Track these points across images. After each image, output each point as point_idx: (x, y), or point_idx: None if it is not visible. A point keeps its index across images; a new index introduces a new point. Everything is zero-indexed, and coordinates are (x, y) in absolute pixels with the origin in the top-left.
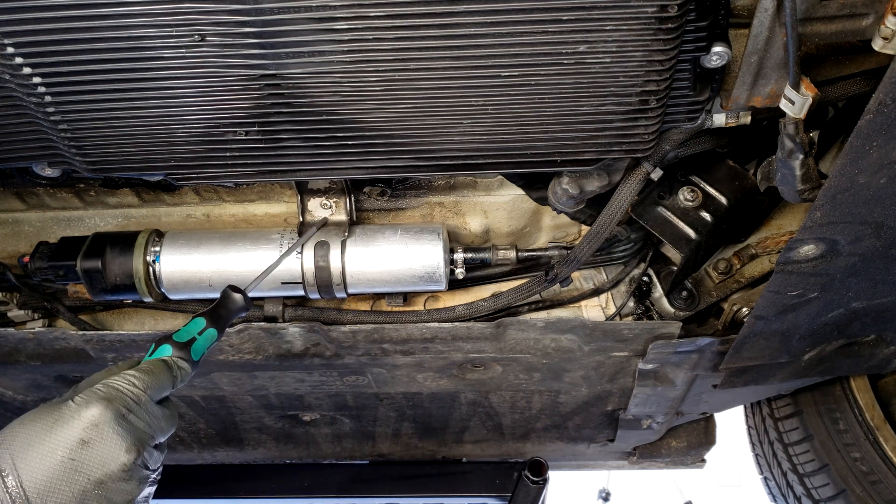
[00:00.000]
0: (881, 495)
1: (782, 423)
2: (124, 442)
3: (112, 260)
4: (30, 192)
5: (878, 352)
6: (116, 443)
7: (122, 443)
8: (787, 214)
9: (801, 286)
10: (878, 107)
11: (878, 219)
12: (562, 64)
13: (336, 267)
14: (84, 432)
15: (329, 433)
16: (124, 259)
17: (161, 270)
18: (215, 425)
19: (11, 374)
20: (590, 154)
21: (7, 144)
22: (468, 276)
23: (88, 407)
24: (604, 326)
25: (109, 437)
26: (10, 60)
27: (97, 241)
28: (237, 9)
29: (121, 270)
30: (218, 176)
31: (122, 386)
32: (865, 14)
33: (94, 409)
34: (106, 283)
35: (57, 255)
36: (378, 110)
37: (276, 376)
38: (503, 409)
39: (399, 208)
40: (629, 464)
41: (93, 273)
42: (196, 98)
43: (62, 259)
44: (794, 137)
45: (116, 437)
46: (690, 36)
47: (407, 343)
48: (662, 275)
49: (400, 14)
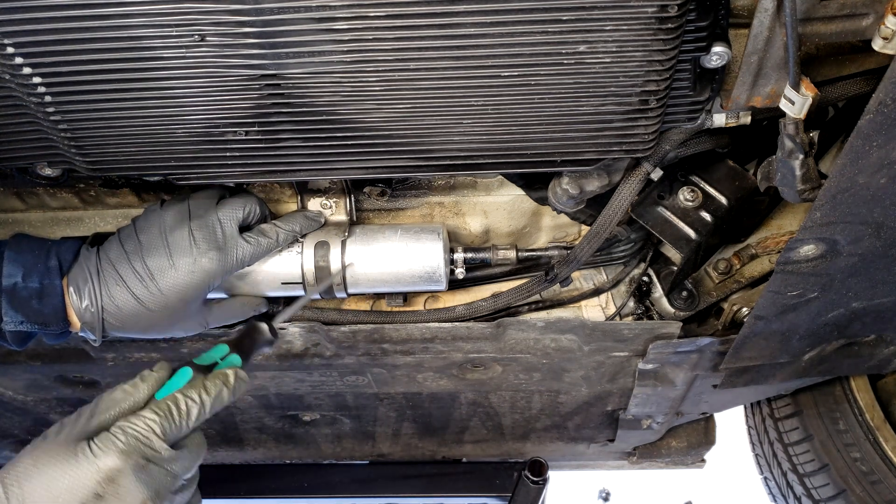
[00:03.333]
0: (881, 495)
1: (782, 423)
2: (141, 494)
3: None
4: (30, 192)
5: (878, 352)
6: (133, 497)
7: (139, 495)
8: (787, 214)
9: (801, 286)
10: (878, 107)
11: (878, 219)
12: (562, 64)
13: (336, 267)
14: (100, 486)
15: (329, 433)
16: None
17: None
18: (215, 425)
19: (11, 374)
20: (590, 154)
21: (7, 144)
22: (468, 276)
23: (105, 458)
24: (604, 326)
25: (126, 491)
26: (10, 60)
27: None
28: (237, 9)
29: None
30: (218, 176)
31: (140, 433)
32: (865, 14)
33: (111, 462)
34: None
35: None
36: (378, 110)
37: (276, 376)
38: (503, 409)
39: (399, 208)
40: (629, 464)
41: None
42: (196, 98)
43: None
44: (794, 137)
45: (134, 490)
46: (690, 36)
47: (407, 343)
48: (662, 275)
49: (400, 14)
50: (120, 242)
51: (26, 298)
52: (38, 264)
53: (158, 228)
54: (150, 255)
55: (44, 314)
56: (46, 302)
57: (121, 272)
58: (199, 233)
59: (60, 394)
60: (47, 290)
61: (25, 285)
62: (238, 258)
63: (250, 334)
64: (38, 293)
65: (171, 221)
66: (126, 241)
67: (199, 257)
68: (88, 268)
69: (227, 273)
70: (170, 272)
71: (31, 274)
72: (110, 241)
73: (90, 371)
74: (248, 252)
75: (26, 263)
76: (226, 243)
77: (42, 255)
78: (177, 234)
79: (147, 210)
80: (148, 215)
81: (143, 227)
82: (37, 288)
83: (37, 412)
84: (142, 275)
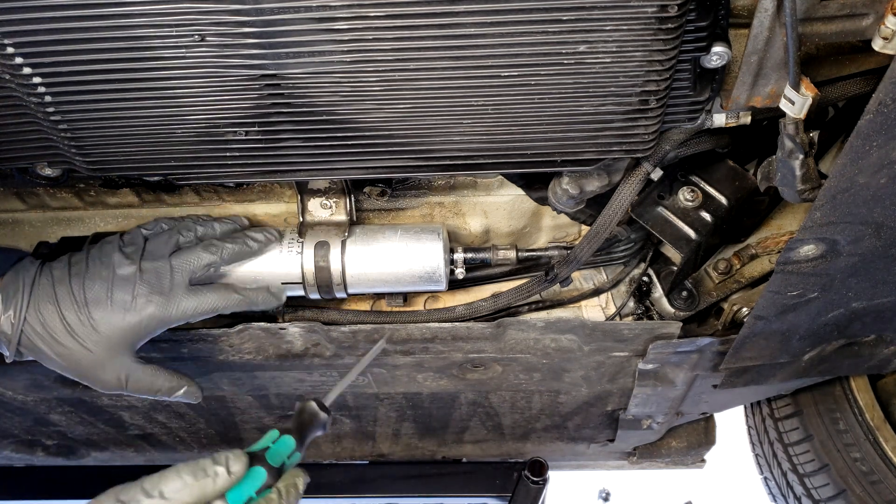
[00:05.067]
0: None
1: (782, 423)
2: None
3: None
4: (30, 192)
5: (878, 352)
6: None
7: None
8: (787, 214)
9: (801, 286)
10: (878, 107)
11: (878, 219)
12: (562, 64)
13: (336, 267)
14: None
15: (329, 433)
16: None
17: None
18: (215, 425)
19: (11, 374)
20: (590, 154)
21: (7, 144)
22: (468, 276)
23: None
24: (604, 326)
25: None
26: (10, 60)
27: (97, 240)
28: (237, 9)
29: None
30: (218, 176)
31: None
32: (865, 14)
33: None
34: None
35: (57, 255)
36: (378, 110)
37: (276, 376)
38: (503, 409)
39: (399, 208)
40: (629, 464)
41: None
42: (196, 98)
43: None
44: (794, 137)
45: None
46: (690, 36)
47: (407, 343)
48: (662, 275)
49: (400, 14)
50: (68, 263)
51: None
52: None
53: (109, 260)
54: (91, 283)
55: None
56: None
57: (57, 291)
58: (147, 274)
59: (60, 394)
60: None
61: None
62: (180, 310)
63: (300, 416)
64: None
65: (121, 257)
66: (74, 264)
67: (138, 298)
68: (24, 279)
69: (166, 324)
70: (105, 305)
71: None
72: (60, 260)
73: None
74: (191, 307)
75: None
76: (171, 291)
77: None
78: (124, 269)
79: (104, 241)
80: (103, 246)
81: (94, 256)
82: None
83: (37, 412)
84: (77, 299)
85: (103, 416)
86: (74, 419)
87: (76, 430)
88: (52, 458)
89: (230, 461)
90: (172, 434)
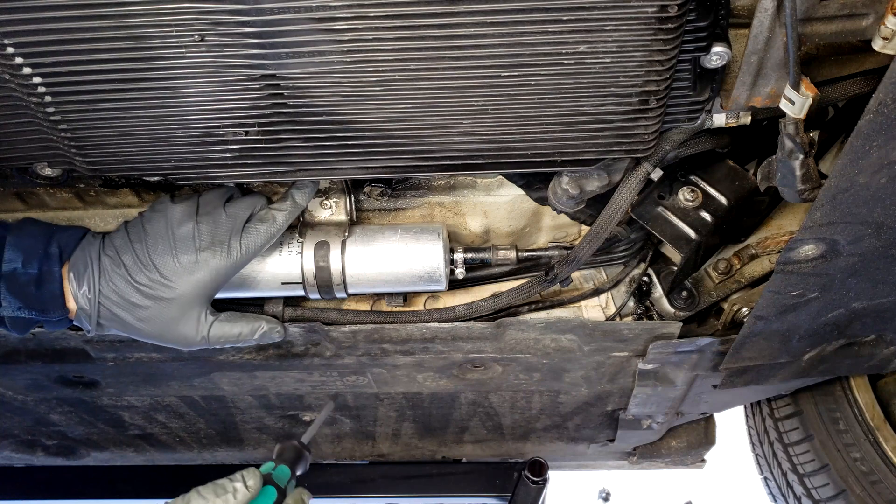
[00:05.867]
0: (881, 495)
1: (782, 423)
2: None
3: None
4: (30, 192)
5: (878, 352)
6: None
7: None
8: (787, 214)
9: (801, 286)
10: (878, 107)
11: (878, 219)
12: (562, 64)
13: (336, 267)
14: None
15: (329, 433)
16: None
17: None
18: (215, 425)
19: (11, 374)
20: (590, 154)
21: (7, 144)
22: (468, 276)
23: None
24: (604, 326)
25: None
26: (10, 60)
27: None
28: (237, 9)
29: None
30: (218, 176)
31: None
32: (865, 14)
33: None
34: None
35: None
36: (378, 110)
37: (276, 376)
38: (503, 409)
39: (399, 208)
40: (629, 464)
41: None
42: (196, 98)
43: None
44: (794, 137)
45: None
46: (690, 36)
47: (407, 343)
48: (662, 275)
49: (400, 14)
50: (126, 232)
51: (25, 284)
52: (38, 250)
53: (165, 221)
54: (154, 246)
55: (42, 300)
56: (45, 288)
57: (123, 259)
58: (204, 227)
59: (60, 394)
60: (46, 276)
61: (25, 271)
62: (243, 252)
63: (282, 454)
64: (36, 279)
65: (178, 215)
66: (132, 231)
67: (201, 251)
68: (90, 254)
69: (233, 269)
70: (172, 263)
71: (30, 260)
72: (117, 230)
73: (90, 371)
74: (252, 243)
75: (27, 249)
76: (230, 237)
77: (43, 241)
78: (182, 228)
79: (156, 202)
80: (156, 207)
81: (150, 219)
82: (35, 274)
83: (37, 412)
84: (144, 263)
85: (103, 415)
86: (74, 419)
87: (76, 430)
88: (52, 458)
89: (246, 477)
90: (172, 434)
